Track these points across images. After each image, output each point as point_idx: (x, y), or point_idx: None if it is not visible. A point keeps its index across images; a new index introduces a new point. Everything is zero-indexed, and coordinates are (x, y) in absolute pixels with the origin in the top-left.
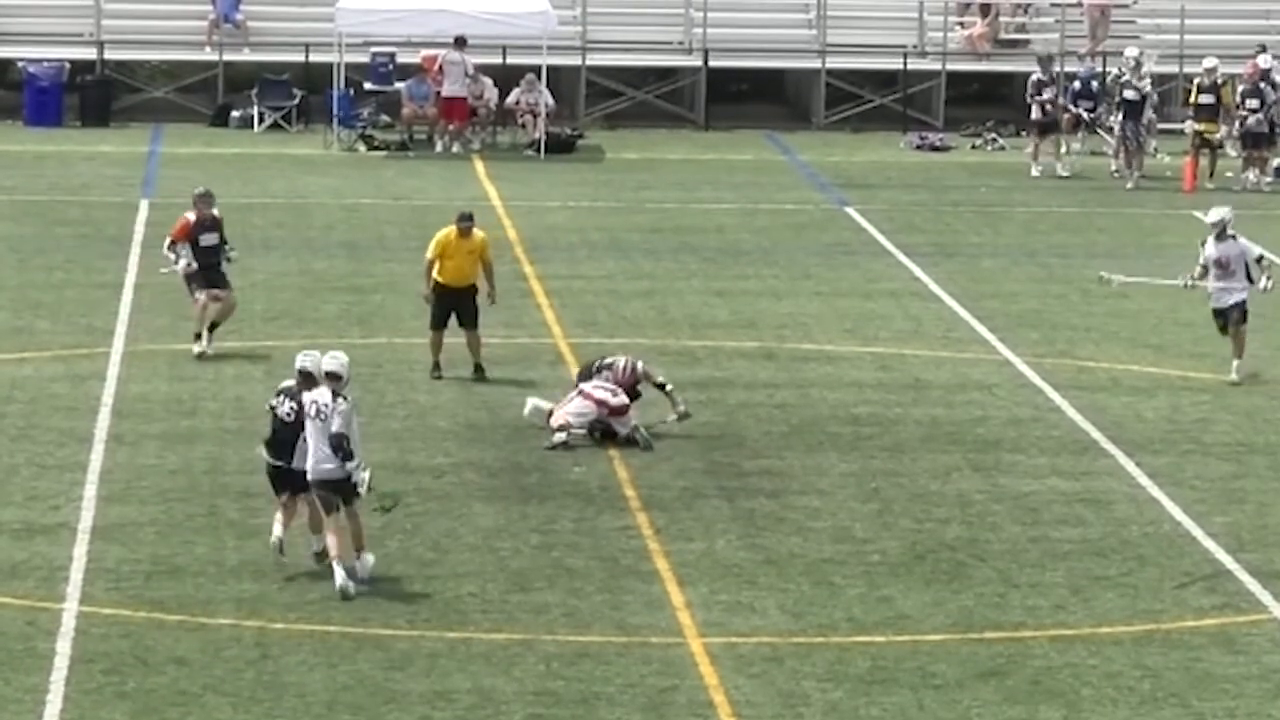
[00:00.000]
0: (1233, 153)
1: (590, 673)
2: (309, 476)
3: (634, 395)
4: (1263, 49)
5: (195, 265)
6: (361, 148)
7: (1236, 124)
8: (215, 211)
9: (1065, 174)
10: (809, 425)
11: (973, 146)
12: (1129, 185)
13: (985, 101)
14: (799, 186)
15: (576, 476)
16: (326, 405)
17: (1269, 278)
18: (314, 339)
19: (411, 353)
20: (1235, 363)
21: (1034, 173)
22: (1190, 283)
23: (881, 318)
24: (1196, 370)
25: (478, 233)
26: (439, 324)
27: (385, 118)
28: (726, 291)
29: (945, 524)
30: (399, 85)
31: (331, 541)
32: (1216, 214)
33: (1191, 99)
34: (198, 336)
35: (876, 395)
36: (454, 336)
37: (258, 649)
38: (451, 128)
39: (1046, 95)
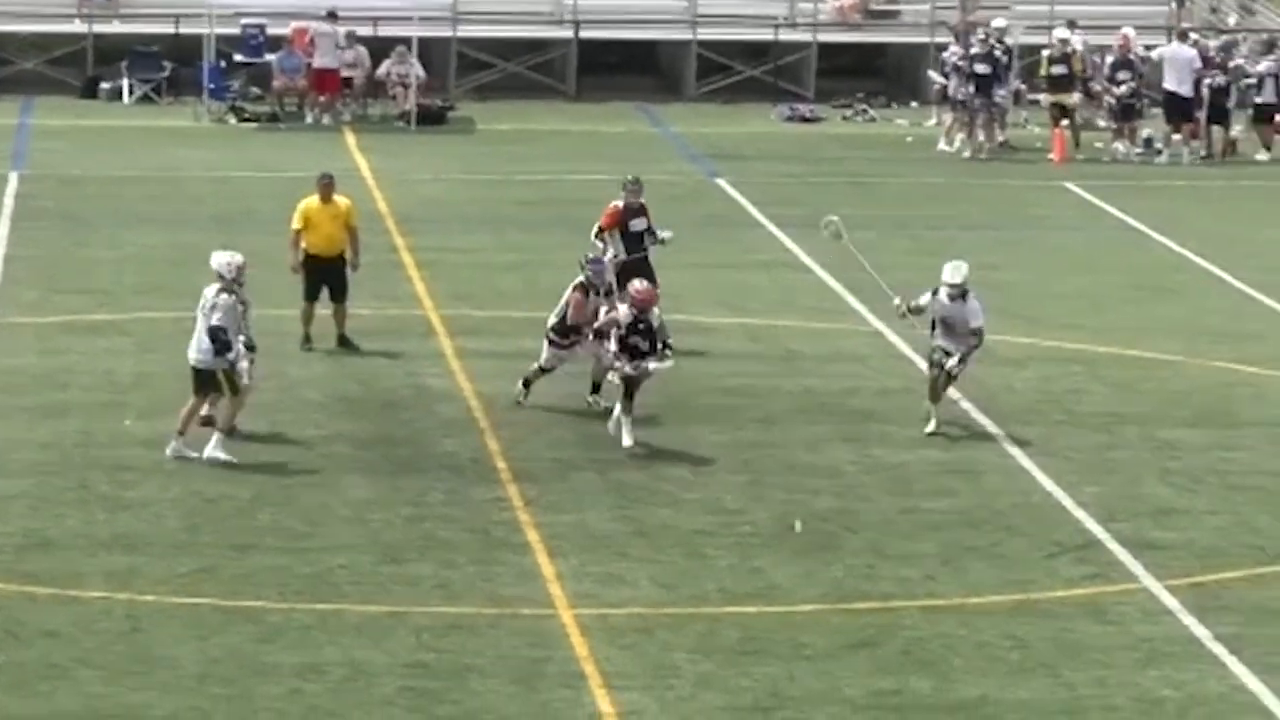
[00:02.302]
0: (1101, 124)
1: (462, 644)
2: (190, 360)
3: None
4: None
5: (624, 255)
6: (232, 120)
7: (1109, 96)
8: (643, 199)
9: (950, 149)
10: (681, 397)
11: (844, 118)
12: (966, 155)
13: (856, 73)
14: (671, 158)
15: (448, 449)
16: (208, 301)
17: (963, 360)
18: (187, 311)
19: (282, 324)
20: (936, 409)
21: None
22: (904, 310)
23: (754, 289)
24: (1068, 341)
25: (342, 200)
26: (312, 295)
27: (256, 90)
28: None
29: (816, 495)
30: (269, 57)
31: (185, 414)
32: (960, 274)
33: (1043, 70)
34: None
35: (749, 367)
36: (323, 308)
37: (129, 622)
38: (322, 100)
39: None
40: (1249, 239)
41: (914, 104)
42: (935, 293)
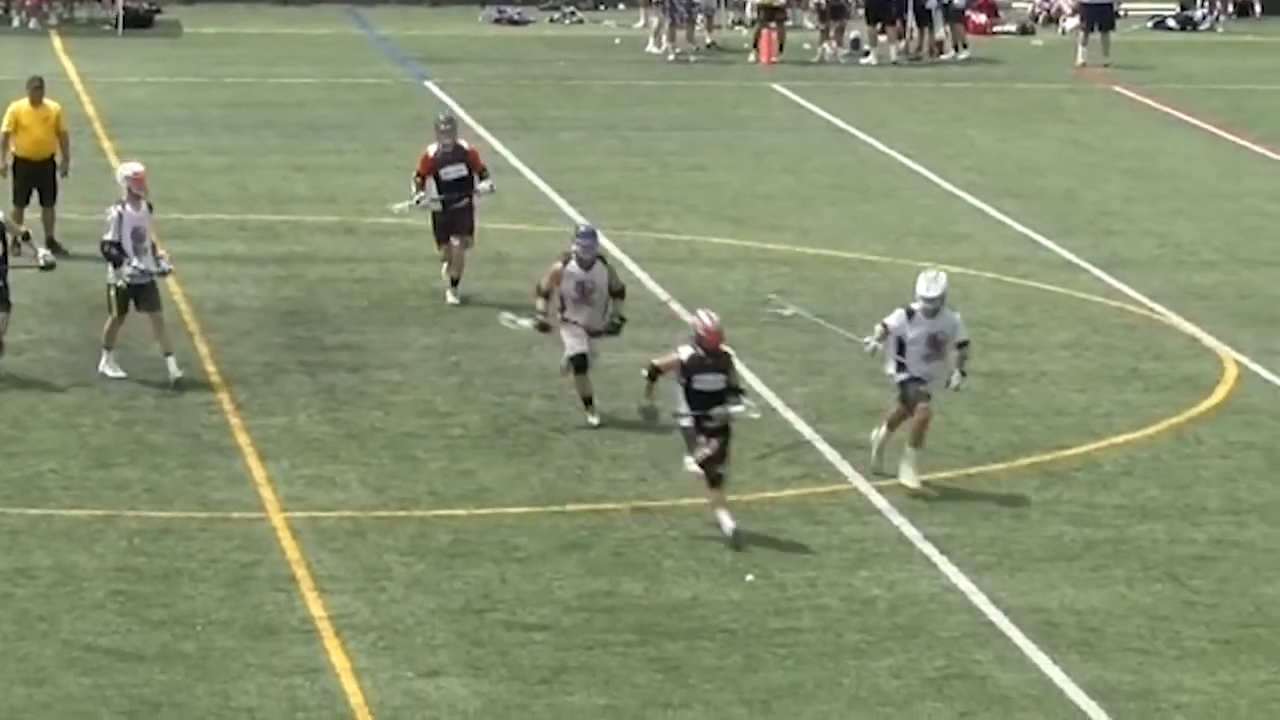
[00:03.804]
0: (809, 25)
1: (172, 548)
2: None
3: None
4: None
5: (439, 204)
6: None
7: None
8: (463, 142)
9: (659, 50)
10: (390, 300)
11: (551, 20)
12: (670, 58)
13: None
14: (378, 61)
15: (157, 352)
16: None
17: (964, 374)
18: None
19: None
20: (915, 455)
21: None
22: (876, 345)
23: None
24: (775, 243)
25: (52, 104)
26: (21, 199)
27: None
28: (307, 166)
29: (526, 397)
30: None
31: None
32: (940, 285)
33: None
34: (454, 283)
35: None
36: (32, 211)
37: None
38: (29, 3)
39: None
40: (955, 139)
41: (621, 6)
42: (910, 314)
